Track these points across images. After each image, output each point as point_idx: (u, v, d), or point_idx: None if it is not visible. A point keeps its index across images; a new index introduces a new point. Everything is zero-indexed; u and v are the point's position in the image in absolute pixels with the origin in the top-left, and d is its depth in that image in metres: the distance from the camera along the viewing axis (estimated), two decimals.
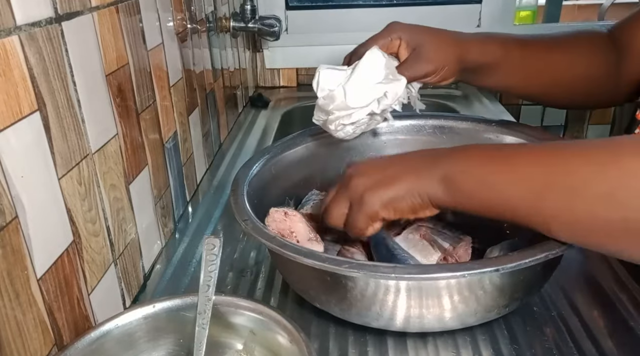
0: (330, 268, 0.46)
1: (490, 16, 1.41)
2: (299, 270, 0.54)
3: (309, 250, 0.49)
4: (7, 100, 0.39)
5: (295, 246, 0.50)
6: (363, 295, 0.49)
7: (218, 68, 1.06)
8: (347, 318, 0.53)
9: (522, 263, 0.45)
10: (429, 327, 0.52)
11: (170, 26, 0.77)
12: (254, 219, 0.53)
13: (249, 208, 0.55)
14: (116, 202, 0.58)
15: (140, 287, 0.64)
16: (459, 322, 0.51)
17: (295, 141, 0.72)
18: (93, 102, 0.53)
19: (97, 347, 0.45)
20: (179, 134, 0.81)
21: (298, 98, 1.39)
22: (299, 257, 0.48)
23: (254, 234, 0.51)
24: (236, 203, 0.56)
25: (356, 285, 0.49)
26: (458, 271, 0.45)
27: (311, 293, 0.54)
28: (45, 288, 0.44)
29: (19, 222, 0.40)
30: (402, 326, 0.51)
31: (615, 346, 0.52)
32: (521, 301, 0.54)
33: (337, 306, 0.52)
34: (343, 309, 0.52)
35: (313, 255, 0.48)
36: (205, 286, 0.48)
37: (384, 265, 0.46)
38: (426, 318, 0.50)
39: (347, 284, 0.49)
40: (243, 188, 0.59)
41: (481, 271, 0.45)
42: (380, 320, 0.51)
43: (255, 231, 0.52)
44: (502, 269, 0.45)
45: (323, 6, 1.44)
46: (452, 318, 0.50)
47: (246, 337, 0.48)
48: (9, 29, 0.40)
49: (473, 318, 0.51)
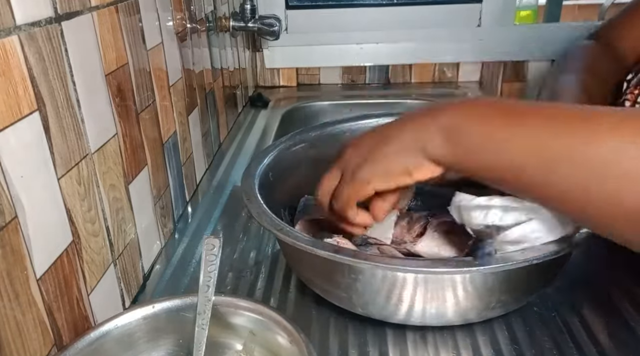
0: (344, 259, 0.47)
1: (491, 16, 1.41)
2: (309, 261, 0.55)
3: (320, 241, 0.50)
4: (7, 100, 0.39)
5: (305, 237, 0.51)
6: (368, 285, 0.50)
7: (218, 68, 1.06)
8: (350, 307, 0.54)
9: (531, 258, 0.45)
10: (429, 321, 0.52)
11: (169, 26, 0.77)
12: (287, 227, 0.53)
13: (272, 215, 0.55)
14: (115, 202, 0.57)
15: (139, 287, 0.64)
16: (460, 317, 0.52)
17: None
18: (92, 101, 0.53)
19: (97, 347, 0.45)
20: (179, 134, 0.81)
21: (298, 98, 1.39)
22: (310, 248, 0.48)
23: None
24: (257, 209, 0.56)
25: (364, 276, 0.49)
26: (467, 267, 0.45)
27: (316, 281, 0.56)
28: (44, 288, 0.44)
29: (18, 222, 0.40)
30: (403, 318, 0.52)
31: (615, 346, 0.52)
32: (536, 293, 0.54)
33: (344, 293, 0.53)
34: (348, 299, 0.53)
35: (322, 245, 0.49)
36: (204, 287, 0.48)
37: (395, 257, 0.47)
38: (428, 311, 0.50)
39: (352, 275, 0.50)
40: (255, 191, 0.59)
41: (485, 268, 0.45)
42: (384, 311, 0.52)
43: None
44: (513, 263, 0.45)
45: (323, 6, 1.44)
46: (454, 313, 0.51)
47: (246, 338, 0.48)
48: (9, 28, 0.40)
49: (474, 314, 0.52)
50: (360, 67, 1.44)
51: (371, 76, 1.45)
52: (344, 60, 1.43)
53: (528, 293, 0.55)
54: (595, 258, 0.65)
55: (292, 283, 0.63)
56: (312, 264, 0.55)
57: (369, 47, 1.41)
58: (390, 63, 1.43)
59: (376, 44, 1.40)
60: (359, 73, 1.45)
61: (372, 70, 1.44)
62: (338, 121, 0.75)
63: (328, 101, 1.36)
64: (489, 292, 0.50)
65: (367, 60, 1.42)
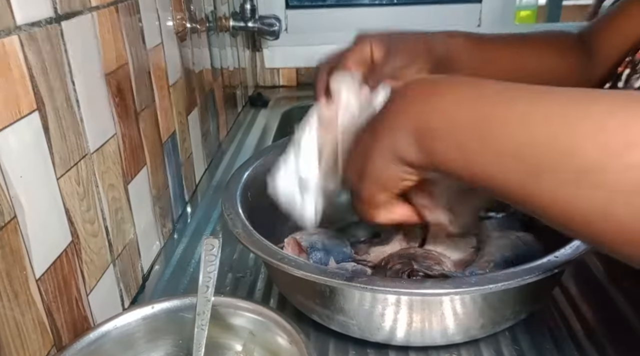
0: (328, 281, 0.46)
1: (491, 16, 1.41)
2: (293, 283, 0.53)
3: (303, 262, 0.49)
4: (6, 100, 0.39)
5: (288, 256, 0.50)
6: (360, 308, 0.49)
7: (217, 67, 1.06)
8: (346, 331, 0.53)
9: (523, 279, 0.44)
10: (430, 341, 0.51)
11: (169, 26, 0.77)
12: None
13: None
14: (115, 202, 0.57)
15: (139, 288, 0.64)
16: (465, 336, 0.51)
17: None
18: (92, 101, 0.53)
19: (96, 348, 0.45)
20: (178, 134, 0.80)
21: (298, 97, 1.39)
22: (292, 269, 0.47)
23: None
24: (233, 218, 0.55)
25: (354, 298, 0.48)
26: (460, 288, 0.45)
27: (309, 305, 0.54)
28: (44, 288, 0.44)
29: (17, 222, 0.40)
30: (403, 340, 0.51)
31: (615, 346, 0.52)
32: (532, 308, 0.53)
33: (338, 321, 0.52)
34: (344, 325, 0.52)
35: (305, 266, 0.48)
36: (204, 287, 0.48)
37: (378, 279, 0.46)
38: (428, 332, 0.49)
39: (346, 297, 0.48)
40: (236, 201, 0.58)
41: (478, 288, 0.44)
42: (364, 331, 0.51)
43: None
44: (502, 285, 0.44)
45: (323, 5, 1.45)
46: (456, 333, 0.50)
47: (245, 338, 0.48)
48: (9, 28, 0.39)
49: (480, 331, 0.51)
50: None
51: None
52: None
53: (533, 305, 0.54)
54: (595, 258, 0.65)
55: None
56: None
57: None
58: None
59: None
60: None
61: None
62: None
63: None
64: (503, 304, 0.49)
65: None
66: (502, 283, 0.44)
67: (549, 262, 0.46)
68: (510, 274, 0.46)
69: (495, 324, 0.51)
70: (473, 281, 0.45)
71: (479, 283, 0.45)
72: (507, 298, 0.49)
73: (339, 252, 0.57)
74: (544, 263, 0.45)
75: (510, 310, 0.50)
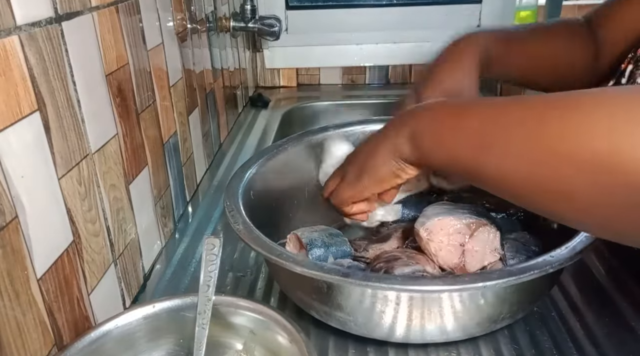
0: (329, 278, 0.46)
1: (491, 16, 1.41)
2: (294, 280, 0.54)
3: (303, 258, 0.49)
4: (7, 100, 0.39)
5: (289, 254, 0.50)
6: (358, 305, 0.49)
7: (218, 68, 1.06)
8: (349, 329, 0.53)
9: (524, 276, 0.44)
10: (430, 338, 0.51)
11: (170, 26, 0.77)
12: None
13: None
14: (116, 202, 0.58)
15: (140, 287, 0.64)
16: (463, 333, 0.51)
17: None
18: (93, 102, 0.53)
19: (97, 347, 0.45)
20: (179, 134, 0.81)
21: (298, 98, 1.39)
22: (291, 266, 0.48)
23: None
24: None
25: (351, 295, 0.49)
26: (459, 285, 0.45)
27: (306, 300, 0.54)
28: (45, 288, 0.44)
29: (19, 222, 0.40)
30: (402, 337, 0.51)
31: (615, 346, 0.52)
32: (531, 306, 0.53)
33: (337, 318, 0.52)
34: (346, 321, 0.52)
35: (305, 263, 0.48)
36: (205, 287, 0.48)
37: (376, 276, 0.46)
38: (427, 329, 0.50)
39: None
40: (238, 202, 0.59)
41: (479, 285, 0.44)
42: (362, 328, 0.51)
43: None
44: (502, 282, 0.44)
45: (323, 6, 1.44)
46: (455, 330, 0.50)
47: (246, 337, 0.48)
48: (9, 29, 0.40)
49: (477, 329, 0.51)
50: (360, 67, 1.44)
51: (371, 76, 1.45)
52: (344, 61, 1.43)
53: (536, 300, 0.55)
54: (594, 257, 0.65)
55: None
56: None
57: (369, 47, 1.41)
58: (390, 63, 1.43)
59: (376, 44, 1.40)
60: (359, 73, 1.45)
61: (372, 71, 1.44)
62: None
63: (328, 101, 1.36)
64: (499, 302, 0.50)
65: (367, 60, 1.43)
66: (496, 281, 0.44)
67: (544, 261, 0.46)
68: (504, 272, 0.46)
69: (492, 322, 0.51)
70: (467, 279, 0.45)
71: (472, 281, 0.45)
72: (503, 296, 0.49)
73: (338, 249, 0.57)
74: (539, 262, 0.46)
75: (506, 309, 0.50)
